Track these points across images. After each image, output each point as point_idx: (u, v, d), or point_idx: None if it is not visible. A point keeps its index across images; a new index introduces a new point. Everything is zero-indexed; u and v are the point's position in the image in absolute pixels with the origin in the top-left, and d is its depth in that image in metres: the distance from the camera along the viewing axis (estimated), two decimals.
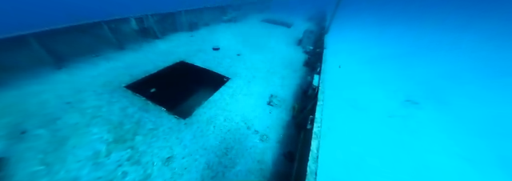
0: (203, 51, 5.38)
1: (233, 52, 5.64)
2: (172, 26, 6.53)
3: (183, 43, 5.81)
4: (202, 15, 7.82)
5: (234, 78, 4.29)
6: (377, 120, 7.09)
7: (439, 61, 13.29)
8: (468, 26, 21.27)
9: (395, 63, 12.88)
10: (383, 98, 8.66)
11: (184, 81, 3.86)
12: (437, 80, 10.57)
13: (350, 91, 9.10)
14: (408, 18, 25.86)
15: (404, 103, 8.40)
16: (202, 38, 6.51)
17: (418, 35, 18.97)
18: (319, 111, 2.27)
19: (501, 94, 9.21)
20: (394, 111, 7.80)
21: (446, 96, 9.04)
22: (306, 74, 4.94)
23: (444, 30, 19.97)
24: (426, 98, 8.82)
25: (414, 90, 9.52)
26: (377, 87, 9.66)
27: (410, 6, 30.93)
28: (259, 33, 8.19)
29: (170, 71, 4.17)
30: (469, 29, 20.19)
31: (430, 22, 23.42)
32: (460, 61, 13.29)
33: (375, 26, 22.86)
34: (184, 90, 3.58)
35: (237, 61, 5.11)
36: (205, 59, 4.89)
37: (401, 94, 9.08)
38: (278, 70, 5.05)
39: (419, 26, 21.98)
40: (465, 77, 10.99)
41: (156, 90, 3.69)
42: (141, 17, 5.26)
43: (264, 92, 3.97)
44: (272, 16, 12.15)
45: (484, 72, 11.57)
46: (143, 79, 3.71)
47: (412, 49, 15.70)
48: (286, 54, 6.22)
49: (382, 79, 10.57)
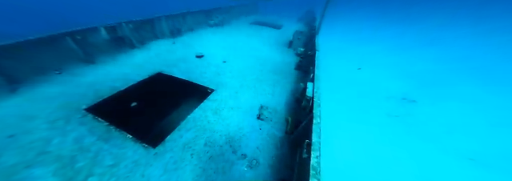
0: (185, 60, 4.89)
1: (218, 59, 5.17)
2: (151, 33, 6.03)
3: (163, 52, 5.31)
4: (185, 20, 7.35)
5: (220, 88, 3.81)
6: (377, 122, 6.71)
7: (428, 57, 13.16)
8: (452, 23, 21.50)
9: (387, 60, 12.68)
10: (379, 97, 8.34)
11: (160, 96, 3.35)
12: (429, 77, 10.37)
13: (344, 91, 8.75)
14: (393, 15, 26.07)
15: (401, 102, 8.10)
16: (185, 44, 6.03)
17: (404, 32, 18.99)
18: (316, 133, 1.82)
19: (491, 89, 9.04)
20: (393, 111, 7.46)
21: (441, 93, 8.81)
22: (299, 79, 4.52)
23: (427, 28, 20.07)
24: (422, 95, 8.56)
25: (409, 87, 9.27)
26: (371, 86, 9.36)
27: (398, 5, 31.28)
28: (247, 36, 7.76)
29: (145, 86, 3.66)
30: (452, 26, 20.39)
31: (415, 19, 23.63)
32: (448, 57, 13.21)
33: (363, 24, 22.88)
34: (159, 108, 3.08)
35: (223, 69, 4.64)
36: (186, 69, 4.40)
37: (396, 92, 8.80)
38: (268, 76, 4.60)
39: (408, 24, 22.10)
40: (456, 73, 10.85)
41: (137, 105, 3.15)
42: (113, 25, 4.75)
43: (253, 103, 3.50)
44: (261, 18, 11.80)
45: (473, 68, 11.48)
46: (110, 98, 3.19)
47: (401, 46, 15.61)
48: (276, 57, 5.80)
49: (374, 77, 10.29)
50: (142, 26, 5.64)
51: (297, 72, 4.98)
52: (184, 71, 4.26)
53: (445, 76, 10.46)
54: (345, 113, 7.20)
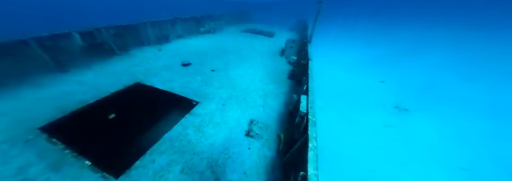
0: (169, 68, 4.52)
1: (206, 67, 4.85)
2: (136, 39, 5.67)
3: (147, 59, 4.93)
4: (173, 27, 7.06)
5: (205, 101, 3.45)
6: (374, 134, 6.50)
7: (414, 65, 13.50)
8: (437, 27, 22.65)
9: (374, 68, 12.87)
10: (373, 107, 8.24)
11: (134, 111, 2.94)
12: (417, 85, 10.52)
13: (337, 100, 8.59)
14: (377, 23, 27.21)
15: (394, 111, 8.03)
16: (172, 52, 5.69)
17: (387, 41, 19.63)
18: (313, 163, 1.50)
19: (479, 94, 9.24)
20: (389, 121, 7.33)
21: (430, 100, 8.89)
22: (292, 89, 4.26)
23: (408, 39, 20.92)
24: (413, 103, 8.57)
25: (399, 95, 9.31)
26: (363, 94, 9.31)
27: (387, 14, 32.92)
28: (239, 44, 7.56)
29: (118, 98, 3.24)
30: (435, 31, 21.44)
31: (402, 27, 24.74)
32: (432, 64, 13.61)
33: (354, 32, 23.65)
34: (131, 125, 2.66)
35: (210, 78, 4.31)
36: (169, 78, 4.02)
37: (388, 100, 8.77)
38: (260, 85, 4.31)
39: (389, 33, 23.01)
40: (443, 80, 11.11)
41: (106, 121, 2.70)
42: (90, 30, 4.36)
43: (242, 117, 3.16)
44: (253, 26, 11.76)
45: (460, 73, 11.84)
46: (75, 113, 2.74)
47: (386, 54, 15.99)
48: (268, 65, 5.56)
49: (366, 86, 10.28)
50: (126, 31, 5.28)
51: (290, 81, 4.74)
52: (166, 81, 3.88)
53: (431, 83, 10.66)
54: (340, 124, 6.96)
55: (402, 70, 12.95)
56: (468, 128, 6.91)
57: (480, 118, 7.47)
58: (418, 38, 19.82)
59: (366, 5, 35.04)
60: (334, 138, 5.98)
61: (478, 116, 7.60)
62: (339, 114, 7.47)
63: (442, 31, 20.48)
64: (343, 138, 6.08)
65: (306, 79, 3.37)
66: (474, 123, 7.18)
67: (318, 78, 10.37)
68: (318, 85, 9.56)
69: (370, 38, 21.43)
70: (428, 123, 7.23)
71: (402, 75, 11.94)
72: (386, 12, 31.52)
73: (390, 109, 8.15)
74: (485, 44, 15.66)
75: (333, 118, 7.18)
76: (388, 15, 30.52)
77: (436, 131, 6.77)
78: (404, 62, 14.50)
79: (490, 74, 11.09)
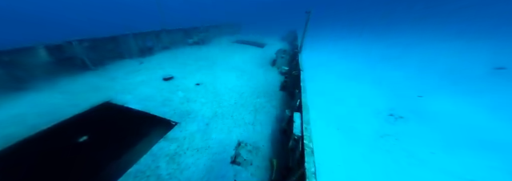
0: (148, 83, 4.08)
1: (191, 81, 4.45)
2: (115, 52, 5.26)
3: (124, 74, 4.48)
4: (159, 38, 6.75)
5: (186, 120, 3.00)
6: (372, 146, 6.14)
7: (400, 71, 13.75)
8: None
9: (366, 75, 12.98)
10: (369, 115, 8.01)
11: (96, 139, 2.43)
12: (407, 90, 10.54)
13: (330, 110, 8.32)
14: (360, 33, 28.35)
15: (390, 119, 7.82)
16: (155, 64, 5.29)
17: (368, 50, 20.26)
18: None
19: (467, 97, 9.30)
20: (385, 130, 7.05)
21: (423, 106, 8.81)
22: (284, 103, 3.90)
23: (393, 45, 21.81)
24: (408, 110, 8.44)
25: (392, 101, 9.21)
26: (357, 102, 9.13)
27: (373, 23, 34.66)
28: (228, 55, 7.30)
29: (80, 122, 2.73)
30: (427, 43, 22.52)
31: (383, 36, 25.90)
32: (416, 70, 13.90)
33: (340, 43, 24.41)
34: (87, 159, 2.15)
35: (194, 93, 3.89)
36: (146, 96, 3.57)
37: (382, 107, 8.62)
38: (250, 99, 3.93)
39: (371, 41, 23.95)
40: (432, 85, 11.25)
41: (71, 146, 2.16)
42: (58, 44, 3.93)
43: (228, 139, 2.71)
44: (244, 37, 11.72)
45: (447, 78, 12.08)
46: (20, 144, 2.20)
47: (371, 62, 16.33)
48: (259, 77, 5.25)
49: (358, 93, 10.17)
50: (103, 44, 4.88)
51: (282, 93, 4.40)
52: (142, 98, 3.42)
53: (421, 89, 10.69)
54: (334, 135, 6.59)
55: (389, 75, 13.08)
56: (467, 134, 6.70)
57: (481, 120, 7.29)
58: (400, 44, 20.56)
59: (356, 15, 36.87)
60: (330, 159, 5.55)
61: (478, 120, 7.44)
62: (333, 125, 7.13)
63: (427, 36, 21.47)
64: (341, 155, 5.67)
65: (298, 93, 3.04)
66: (474, 128, 7.00)
67: (310, 86, 10.17)
68: (310, 94, 9.30)
69: (356, 45, 22.08)
70: (425, 130, 7.03)
71: (389, 81, 11.99)
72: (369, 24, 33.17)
73: (386, 117, 7.95)
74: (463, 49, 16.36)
75: (328, 132, 6.79)
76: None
77: (435, 138, 6.53)
78: (388, 67, 14.75)
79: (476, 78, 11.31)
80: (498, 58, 12.81)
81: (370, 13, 36.28)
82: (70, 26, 20.62)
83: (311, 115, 2.47)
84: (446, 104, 9.05)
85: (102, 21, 23.42)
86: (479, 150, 5.88)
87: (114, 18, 25.38)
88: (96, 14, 25.16)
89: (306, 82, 3.60)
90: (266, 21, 22.50)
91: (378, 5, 36.96)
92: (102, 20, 23.87)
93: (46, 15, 21.36)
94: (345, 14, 39.37)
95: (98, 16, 24.90)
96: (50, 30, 19.21)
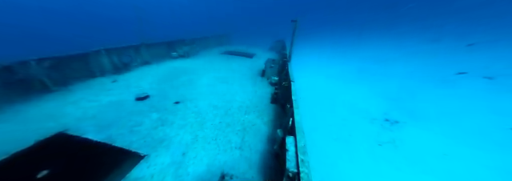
0: (118, 105, 3.52)
1: (170, 99, 3.93)
2: (84, 70, 4.70)
3: (91, 95, 3.90)
4: (138, 53, 6.27)
5: (157, 151, 2.44)
6: (371, 156, 5.73)
7: (387, 73, 13.90)
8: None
9: (351, 80, 12.96)
10: (364, 122, 7.69)
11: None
12: (397, 93, 10.49)
13: (323, 117, 7.95)
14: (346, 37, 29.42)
15: (386, 124, 7.53)
16: (130, 82, 4.74)
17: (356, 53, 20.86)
18: None
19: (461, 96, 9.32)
20: (382, 137, 6.71)
21: (416, 109, 8.67)
22: (276, 119, 3.46)
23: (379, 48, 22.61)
24: (401, 114, 8.24)
25: (384, 106, 9.03)
26: (351, 109, 8.85)
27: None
28: (215, 67, 6.91)
29: (19, 163, 2.11)
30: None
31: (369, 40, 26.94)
32: (403, 71, 14.13)
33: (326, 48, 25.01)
34: None
35: (172, 114, 3.37)
36: (111, 122, 3.00)
37: (376, 112, 8.38)
38: (237, 117, 3.46)
39: (360, 44, 24.82)
40: (422, 86, 11.31)
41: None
42: (8, 65, 3.36)
43: (209, 173, 2.18)
44: (233, 48, 11.50)
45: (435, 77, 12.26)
46: None
47: (359, 66, 16.55)
48: (247, 89, 4.84)
49: (351, 98, 9.92)
50: (68, 62, 4.34)
51: (273, 106, 3.98)
52: (106, 125, 2.85)
53: (411, 91, 10.68)
54: (330, 144, 6.16)
55: (378, 79, 13.10)
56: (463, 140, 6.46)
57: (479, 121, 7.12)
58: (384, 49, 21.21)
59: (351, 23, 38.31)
60: (330, 175, 5.05)
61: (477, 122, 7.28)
62: (330, 135, 6.72)
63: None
64: (341, 169, 5.18)
65: (290, 108, 2.63)
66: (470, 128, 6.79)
67: (302, 95, 9.82)
68: (302, 100, 8.91)
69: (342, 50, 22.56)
70: (422, 134, 6.76)
71: (378, 85, 11.93)
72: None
73: (381, 122, 7.66)
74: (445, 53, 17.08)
75: (325, 143, 6.33)
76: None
77: (434, 143, 6.23)
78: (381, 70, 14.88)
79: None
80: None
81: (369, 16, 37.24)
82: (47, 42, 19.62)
83: (306, 127, 2.05)
84: (441, 104, 8.98)
85: (81, 36, 22.57)
86: (490, 151, 5.59)
87: (94, 32, 24.65)
88: (76, 29, 24.35)
89: (298, 94, 3.21)
90: (255, 31, 22.80)
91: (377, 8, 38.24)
92: (81, 35, 23.04)
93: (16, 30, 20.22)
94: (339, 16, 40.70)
95: (78, 31, 24.10)
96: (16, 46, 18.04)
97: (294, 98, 2.73)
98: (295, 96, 2.85)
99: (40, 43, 19.24)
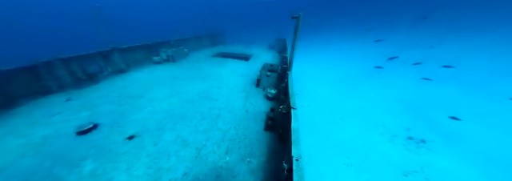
0: (47, 144, 2.54)
1: (123, 131, 2.90)
2: (34, 86, 3.76)
3: (26, 125, 2.94)
4: (108, 60, 5.25)
5: None
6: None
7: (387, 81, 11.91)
8: None
9: (361, 88, 11.06)
10: (383, 140, 6.19)
11: None
12: (419, 103, 8.78)
13: (331, 135, 6.46)
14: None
15: (409, 144, 6.01)
16: (86, 101, 3.76)
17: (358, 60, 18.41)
18: None
19: None
20: (407, 164, 5.22)
21: (445, 124, 7.06)
22: (273, 155, 2.46)
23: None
24: (426, 129, 6.68)
25: (403, 118, 7.42)
26: (365, 122, 7.24)
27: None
28: (201, 74, 5.83)
29: None
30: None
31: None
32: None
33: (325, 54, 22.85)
34: None
35: (115, 161, 2.36)
36: (29, 172, 2.03)
37: (395, 127, 6.84)
38: (213, 160, 2.45)
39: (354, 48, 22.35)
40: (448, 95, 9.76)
41: None
42: None
43: None
44: (227, 49, 10.33)
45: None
46: None
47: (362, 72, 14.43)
48: (235, 108, 3.79)
49: (362, 110, 8.25)
50: (10, 77, 3.40)
51: (268, 136, 2.97)
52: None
53: (435, 100, 9.18)
54: (341, 170, 4.97)
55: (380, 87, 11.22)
56: None
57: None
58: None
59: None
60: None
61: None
62: (341, 159, 5.38)
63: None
64: None
65: (288, 134, 1.66)
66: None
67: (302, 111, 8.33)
68: (303, 129, 7.19)
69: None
70: (457, 160, 5.33)
71: (384, 93, 10.14)
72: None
73: (403, 141, 6.12)
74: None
75: (333, 170, 5.04)
76: None
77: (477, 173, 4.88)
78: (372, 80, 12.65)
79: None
80: None
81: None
82: None
83: None
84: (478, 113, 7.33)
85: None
86: None
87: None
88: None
89: (300, 120, 2.17)
90: (253, 26, 21.13)
91: None
92: None
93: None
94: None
95: None
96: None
97: (294, 137, 1.73)
98: (296, 132, 1.84)
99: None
